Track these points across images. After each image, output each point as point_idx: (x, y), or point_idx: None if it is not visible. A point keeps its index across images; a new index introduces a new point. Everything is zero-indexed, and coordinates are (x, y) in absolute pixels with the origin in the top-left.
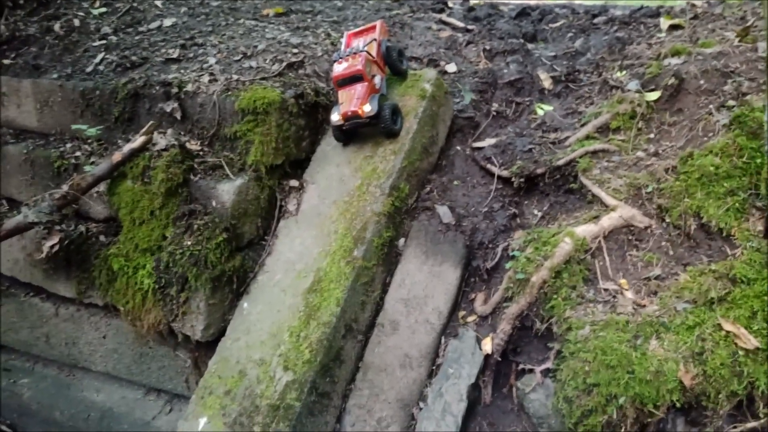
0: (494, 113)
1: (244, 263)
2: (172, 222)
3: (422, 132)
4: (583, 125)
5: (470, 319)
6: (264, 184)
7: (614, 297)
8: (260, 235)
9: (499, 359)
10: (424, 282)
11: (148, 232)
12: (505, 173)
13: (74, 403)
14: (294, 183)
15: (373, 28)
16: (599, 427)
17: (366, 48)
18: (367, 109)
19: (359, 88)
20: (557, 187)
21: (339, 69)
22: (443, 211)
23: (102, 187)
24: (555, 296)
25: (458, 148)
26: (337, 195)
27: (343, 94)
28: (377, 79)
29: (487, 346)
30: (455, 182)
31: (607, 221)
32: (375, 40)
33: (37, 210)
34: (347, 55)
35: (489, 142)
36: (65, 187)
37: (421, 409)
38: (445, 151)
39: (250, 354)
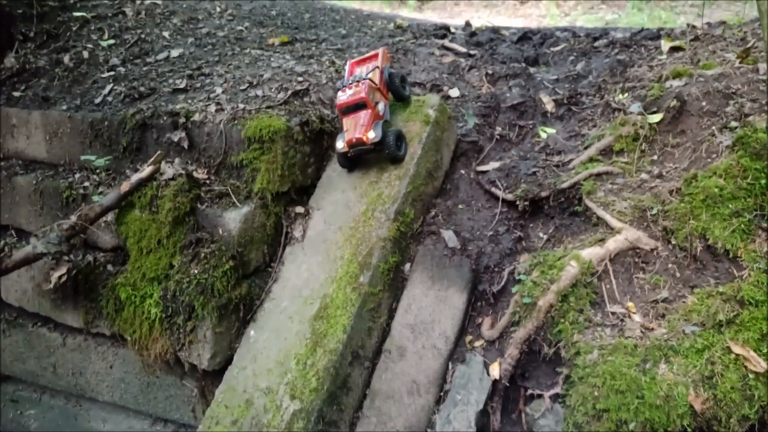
0: (498, 137)
1: (250, 291)
2: (179, 250)
3: (426, 157)
4: (586, 148)
5: (477, 343)
6: (270, 212)
7: (622, 320)
8: (266, 262)
9: (508, 384)
10: (430, 307)
11: (155, 260)
12: (509, 197)
13: None
14: (300, 210)
15: (376, 56)
16: None
17: (369, 76)
18: (372, 135)
19: (363, 115)
20: (562, 210)
21: (343, 97)
22: (448, 235)
23: (110, 216)
24: (562, 320)
25: (462, 172)
26: (343, 221)
27: (347, 122)
28: (380, 106)
29: (495, 371)
30: (460, 206)
31: (613, 244)
32: (378, 67)
33: (45, 241)
34: (351, 83)
35: (493, 165)
36: (74, 218)
37: None
38: (449, 176)
39: (257, 382)
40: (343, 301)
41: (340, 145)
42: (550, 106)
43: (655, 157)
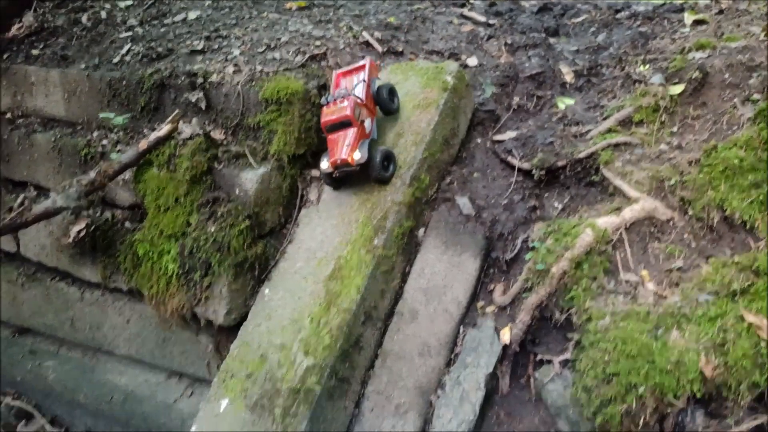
0: (515, 107)
1: (266, 250)
2: (196, 209)
3: (443, 124)
4: (605, 118)
5: (489, 309)
6: (286, 174)
7: (635, 288)
8: (281, 223)
9: (518, 350)
10: (443, 272)
11: (172, 218)
12: (525, 166)
13: (98, 385)
14: (315, 173)
15: (363, 67)
16: (618, 416)
17: (354, 91)
18: (357, 156)
19: (349, 134)
20: (578, 179)
21: (327, 114)
22: (463, 202)
23: (128, 174)
24: (575, 287)
25: (479, 140)
26: (358, 185)
27: (332, 141)
28: (367, 123)
29: (506, 336)
30: (475, 174)
31: (629, 213)
32: (364, 81)
33: (65, 195)
34: (335, 99)
35: (510, 135)
36: (93, 174)
37: (439, 396)
38: (465, 144)
39: (272, 339)
40: (357, 262)
41: (324, 165)
42: (569, 77)
43: (675, 129)
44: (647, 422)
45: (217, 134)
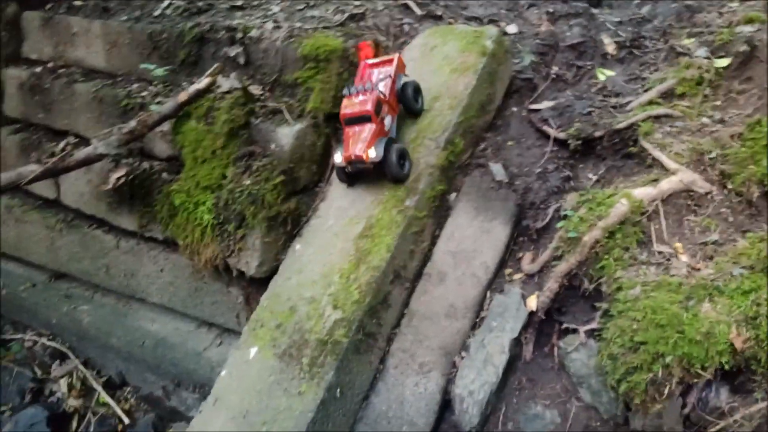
0: (553, 76)
1: (298, 206)
2: (232, 162)
3: (480, 89)
4: (646, 91)
5: (516, 276)
6: (321, 132)
7: (668, 260)
8: (314, 181)
9: (543, 317)
10: (473, 237)
11: (209, 170)
12: (561, 135)
13: (130, 330)
14: None
15: (391, 61)
16: (643, 384)
17: (378, 86)
18: (372, 154)
19: (366, 130)
20: (615, 151)
21: (347, 106)
22: (497, 168)
23: (166, 126)
24: (606, 256)
25: (514, 109)
26: None
27: (348, 134)
28: (387, 121)
29: (532, 303)
30: (509, 143)
31: (667, 185)
32: (390, 76)
33: (106, 143)
34: (358, 91)
35: (547, 104)
36: (133, 123)
37: (463, 357)
38: (501, 112)
39: (301, 292)
40: (389, 222)
41: (338, 159)
42: (611, 48)
43: (719, 102)
44: (672, 392)
45: (255, 89)
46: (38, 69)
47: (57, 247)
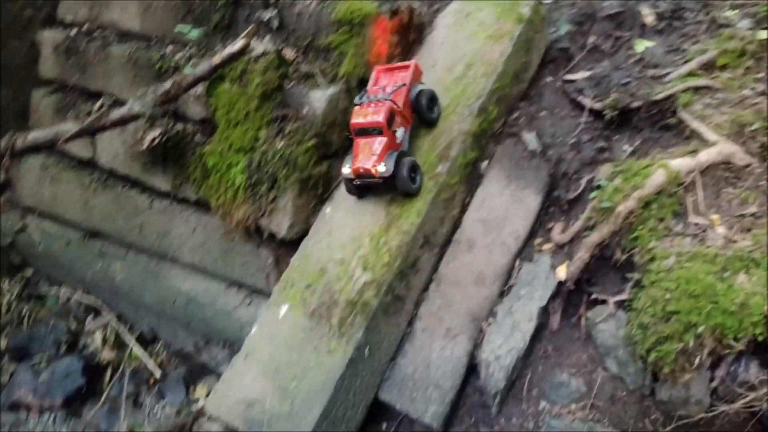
0: (590, 46)
1: (329, 170)
2: (265, 124)
3: (516, 57)
4: (686, 62)
5: (546, 246)
6: (353, 97)
7: (704, 231)
8: (345, 147)
9: (572, 288)
10: (504, 205)
11: (242, 132)
12: (597, 105)
13: (162, 288)
14: None
15: (407, 67)
16: (673, 354)
17: (392, 96)
18: (382, 169)
19: (377, 142)
20: (652, 122)
21: (358, 116)
22: (530, 137)
23: (200, 88)
24: (641, 227)
25: (549, 79)
26: None
27: (358, 145)
28: (399, 133)
29: (562, 273)
30: (543, 113)
31: (705, 156)
32: (405, 84)
33: (142, 102)
34: (370, 101)
35: (582, 74)
36: (168, 84)
37: (490, 324)
38: (535, 81)
39: (331, 254)
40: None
41: (346, 170)
42: (650, 19)
43: (761, 75)
44: (702, 363)
45: (289, 53)
46: (73, 31)
47: (91, 206)
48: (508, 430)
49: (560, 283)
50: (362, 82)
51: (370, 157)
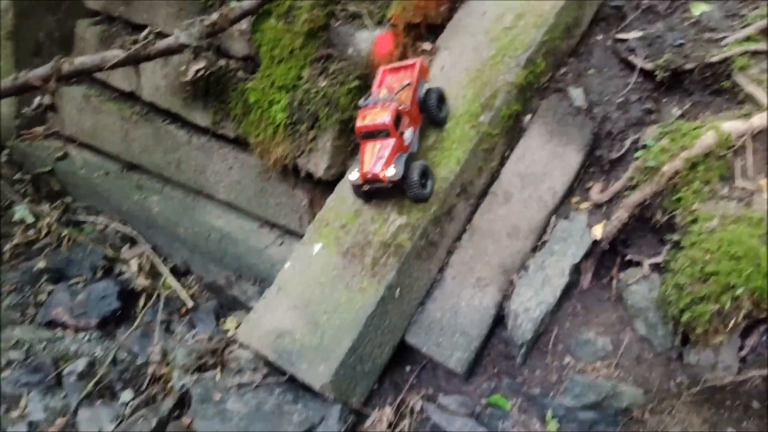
0: (644, 6)
1: None
2: (309, 63)
3: (568, 10)
4: (744, 27)
5: (583, 205)
6: (399, 41)
7: (750, 196)
8: None
9: (606, 248)
10: (543, 160)
11: (285, 70)
12: (648, 66)
13: (197, 223)
14: (427, 46)
15: (412, 66)
16: (708, 315)
17: (397, 96)
18: (391, 173)
19: (384, 145)
20: (705, 86)
21: (363, 119)
22: (576, 93)
23: (244, 25)
24: (685, 189)
25: (600, 37)
26: (470, 62)
27: (365, 149)
28: (407, 134)
29: (598, 231)
30: (591, 71)
31: (758, 120)
32: (410, 83)
33: (188, 33)
34: (375, 103)
35: (635, 34)
36: (215, 16)
37: (521, 277)
38: (585, 38)
39: None
40: (460, 136)
41: (353, 176)
42: None
43: None
44: (737, 325)
45: None
46: None
47: (131, 138)
48: (531, 381)
49: (595, 243)
50: (409, 27)
51: (377, 161)
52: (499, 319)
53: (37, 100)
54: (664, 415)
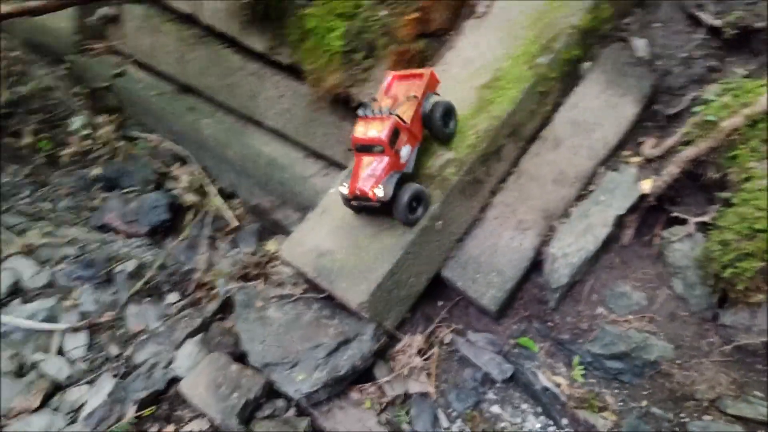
0: None
1: (425, 49)
2: None
3: None
4: None
5: (634, 159)
6: None
7: None
8: (445, 29)
9: (652, 204)
10: (598, 109)
11: None
12: (717, 22)
13: (246, 147)
14: None
15: (421, 76)
16: (751, 272)
17: (399, 110)
18: (380, 193)
19: (378, 162)
20: None
21: (360, 130)
22: (640, 43)
23: None
24: (742, 146)
25: None
26: (531, 5)
27: (359, 163)
28: (404, 152)
29: (647, 186)
30: (656, 24)
31: None
32: (416, 96)
33: None
34: (374, 115)
35: None
36: None
37: (563, 223)
38: None
39: None
40: (517, 76)
41: (343, 189)
42: None
43: None
44: None
45: None
46: None
47: (187, 60)
48: (562, 326)
49: (641, 198)
50: None
51: (369, 179)
52: (535, 265)
53: (101, 11)
54: (692, 372)
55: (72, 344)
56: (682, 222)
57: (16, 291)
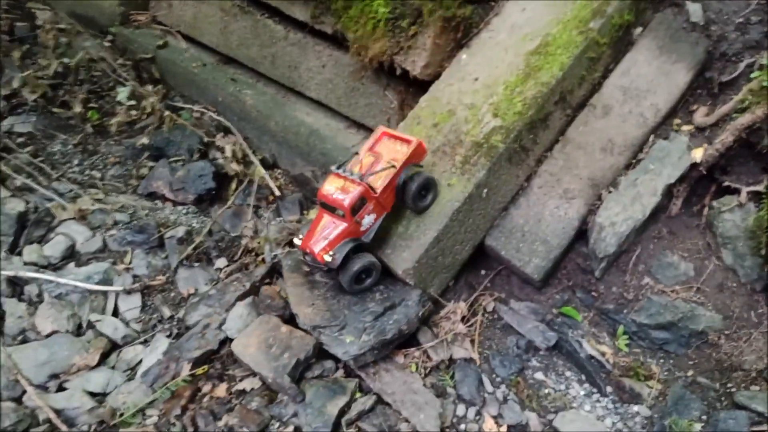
0: None
1: (472, 15)
2: None
3: None
4: None
5: (686, 127)
6: None
7: None
8: None
9: (703, 174)
10: (649, 76)
11: None
12: None
13: (287, 118)
14: None
15: (409, 143)
16: None
17: (373, 176)
18: (328, 259)
19: (333, 227)
20: None
21: (327, 189)
22: (694, 8)
23: None
24: None
25: None
26: None
27: (317, 220)
28: (366, 222)
29: (698, 154)
30: None
31: None
32: (395, 167)
33: None
34: (346, 176)
35: None
36: None
37: (610, 192)
38: None
39: (462, 98)
40: (566, 41)
41: (297, 241)
42: None
43: None
44: None
45: None
46: None
47: (229, 31)
48: (607, 296)
49: (692, 167)
50: None
51: (321, 240)
52: (581, 234)
53: None
54: (741, 342)
55: (126, 306)
56: (733, 192)
57: (72, 255)
